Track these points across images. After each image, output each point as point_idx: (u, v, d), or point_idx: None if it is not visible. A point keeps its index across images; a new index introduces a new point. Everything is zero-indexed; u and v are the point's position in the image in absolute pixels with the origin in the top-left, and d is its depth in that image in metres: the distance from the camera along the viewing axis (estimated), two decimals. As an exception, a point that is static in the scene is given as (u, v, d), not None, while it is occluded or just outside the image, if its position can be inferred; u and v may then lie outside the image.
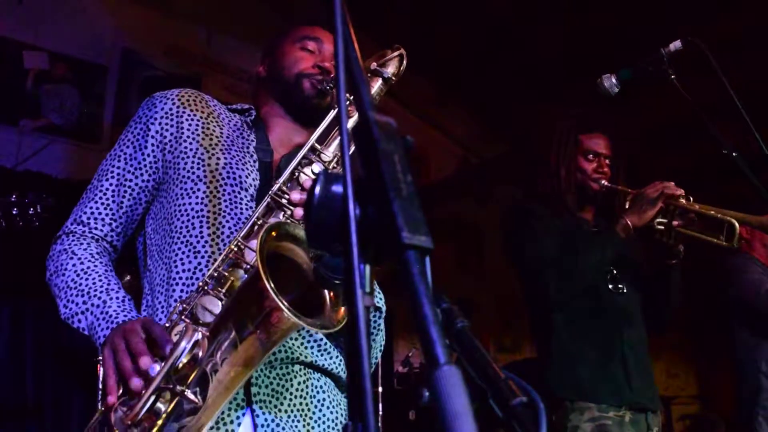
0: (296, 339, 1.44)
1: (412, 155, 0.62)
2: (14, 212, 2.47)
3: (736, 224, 2.31)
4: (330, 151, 1.45)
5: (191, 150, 1.51)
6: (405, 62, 1.53)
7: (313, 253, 1.25)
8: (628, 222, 2.40)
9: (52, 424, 3.91)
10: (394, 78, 1.52)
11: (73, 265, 1.45)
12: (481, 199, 6.91)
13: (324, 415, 1.45)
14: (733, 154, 1.88)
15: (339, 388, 1.53)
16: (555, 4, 4.80)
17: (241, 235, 1.35)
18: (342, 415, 1.51)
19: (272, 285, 1.15)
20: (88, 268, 1.45)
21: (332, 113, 1.48)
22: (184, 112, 1.55)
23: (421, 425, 4.13)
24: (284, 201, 1.38)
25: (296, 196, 1.37)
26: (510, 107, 6.04)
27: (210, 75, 5.14)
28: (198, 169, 1.49)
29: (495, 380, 0.68)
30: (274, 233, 1.25)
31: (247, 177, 1.51)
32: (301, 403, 1.42)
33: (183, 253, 1.44)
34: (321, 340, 1.48)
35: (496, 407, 0.67)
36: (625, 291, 2.52)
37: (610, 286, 2.50)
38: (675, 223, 2.38)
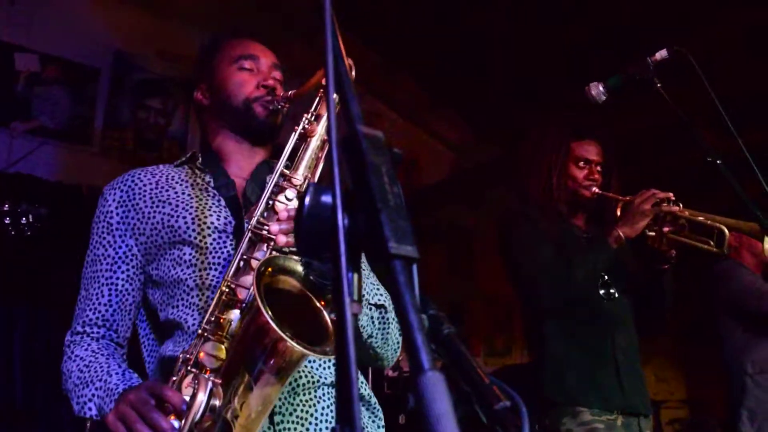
0: (314, 361, 1.46)
1: (403, 159, 0.64)
2: (6, 221, 2.52)
3: (726, 231, 2.33)
4: (299, 174, 1.46)
5: (159, 223, 1.52)
6: (354, 73, 1.51)
7: (303, 260, 1.26)
8: (621, 233, 2.42)
9: (43, 428, 3.90)
10: None
11: (77, 365, 1.48)
12: (472, 203, 6.92)
13: None
14: (718, 161, 1.90)
15: (365, 406, 1.55)
16: (549, 9, 4.82)
17: (230, 274, 1.36)
18: None
19: (273, 318, 1.15)
20: (90, 362, 1.47)
21: (294, 135, 1.49)
22: (134, 195, 1.58)
23: (411, 429, 4.14)
24: (264, 233, 1.38)
25: (275, 227, 1.37)
26: (502, 111, 6.06)
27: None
28: (174, 236, 1.50)
29: (480, 385, 0.70)
30: (269, 269, 1.26)
31: (218, 219, 1.51)
32: (326, 428, 1.43)
33: (189, 315, 1.45)
34: None
35: (481, 412, 0.69)
36: (616, 296, 2.54)
37: (602, 292, 2.52)
38: (666, 229, 2.40)
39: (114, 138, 4.75)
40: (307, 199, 0.64)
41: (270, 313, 1.16)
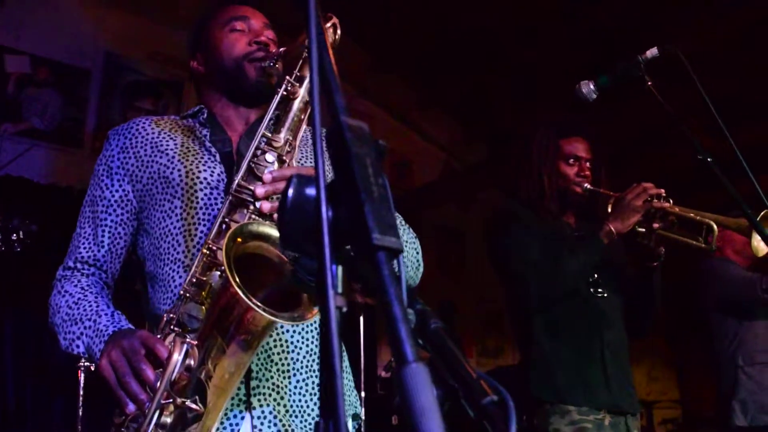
0: (290, 331, 1.48)
1: (395, 160, 0.64)
2: None
3: (714, 226, 2.36)
4: (281, 137, 1.46)
5: (155, 173, 1.55)
6: (339, 31, 1.51)
7: (290, 255, 1.27)
8: (612, 228, 2.42)
9: (34, 429, 3.88)
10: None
11: (66, 301, 1.51)
12: (463, 203, 6.93)
13: None
14: (708, 159, 1.90)
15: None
16: (539, 10, 4.83)
17: (211, 237, 1.38)
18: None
19: (242, 288, 1.18)
20: (79, 299, 1.50)
21: (276, 98, 1.49)
22: (136, 142, 1.61)
23: (404, 430, 4.13)
24: (245, 196, 1.39)
25: (260, 190, 1.37)
26: (493, 113, 6.07)
27: (193, 80, 5.13)
28: (167, 187, 1.53)
29: (467, 379, 0.69)
30: (239, 239, 1.27)
31: (211, 175, 1.54)
32: (300, 401, 1.46)
33: (174, 272, 1.48)
34: (316, 323, 1.52)
35: (468, 406, 0.68)
36: (606, 295, 2.54)
37: (591, 290, 2.52)
38: (655, 225, 2.41)
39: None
40: (290, 192, 0.63)
41: (238, 281, 1.18)
